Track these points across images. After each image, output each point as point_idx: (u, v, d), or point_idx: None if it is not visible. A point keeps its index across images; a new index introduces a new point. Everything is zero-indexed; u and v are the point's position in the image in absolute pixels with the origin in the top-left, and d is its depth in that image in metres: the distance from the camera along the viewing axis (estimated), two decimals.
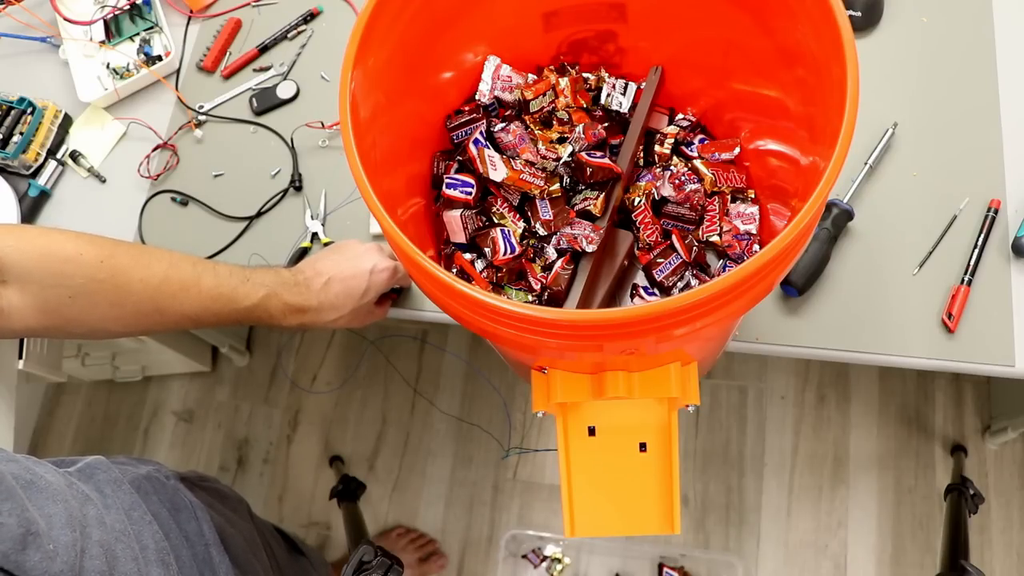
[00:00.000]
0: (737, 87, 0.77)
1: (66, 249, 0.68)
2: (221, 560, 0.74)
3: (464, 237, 0.77)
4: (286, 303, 0.78)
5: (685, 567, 1.55)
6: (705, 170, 0.80)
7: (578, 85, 0.81)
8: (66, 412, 1.79)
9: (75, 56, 1.06)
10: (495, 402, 1.70)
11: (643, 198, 0.80)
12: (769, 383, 1.67)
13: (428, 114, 0.79)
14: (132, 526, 0.65)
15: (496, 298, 0.51)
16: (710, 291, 0.49)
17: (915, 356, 0.88)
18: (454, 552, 1.62)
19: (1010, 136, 0.95)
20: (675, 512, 0.65)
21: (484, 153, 0.75)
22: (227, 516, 0.82)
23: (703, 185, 0.80)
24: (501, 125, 0.80)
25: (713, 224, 0.79)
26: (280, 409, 1.75)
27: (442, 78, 0.78)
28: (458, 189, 0.76)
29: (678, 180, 0.80)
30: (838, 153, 0.51)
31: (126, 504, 0.66)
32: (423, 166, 0.79)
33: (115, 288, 0.70)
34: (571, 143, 0.78)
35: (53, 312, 0.69)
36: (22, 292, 0.68)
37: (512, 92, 0.81)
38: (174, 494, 0.75)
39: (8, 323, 0.68)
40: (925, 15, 1.01)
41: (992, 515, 1.54)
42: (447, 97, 0.80)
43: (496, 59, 0.80)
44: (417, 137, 0.78)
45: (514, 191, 0.77)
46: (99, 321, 0.71)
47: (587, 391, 0.63)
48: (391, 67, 0.66)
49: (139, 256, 0.72)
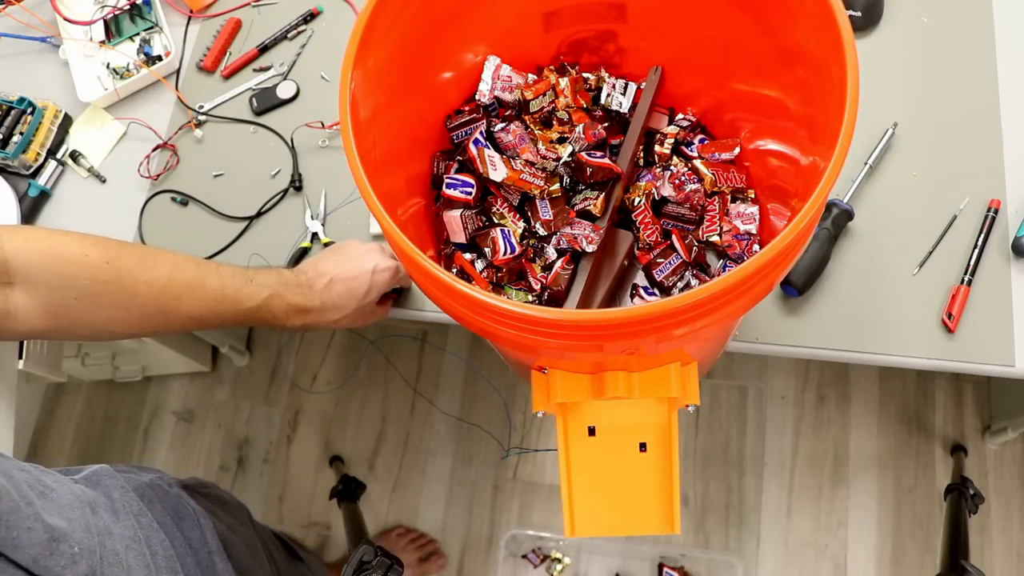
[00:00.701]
0: (737, 87, 0.77)
1: (72, 250, 0.68)
2: (224, 567, 0.74)
3: (464, 237, 0.77)
4: (289, 304, 0.78)
5: (685, 567, 1.55)
6: (705, 170, 0.80)
7: (578, 85, 0.81)
8: (66, 412, 1.79)
9: (75, 56, 1.06)
10: (495, 402, 1.70)
11: (643, 198, 0.80)
12: (769, 383, 1.67)
13: (428, 114, 0.79)
14: (141, 532, 0.65)
15: (496, 298, 0.51)
16: (710, 291, 0.49)
17: (915, 356, 0.88)
18: (454, 552, 1.62)
19: (1010, 136, 0.95)
20: (675, 512, 0.65)
21: (484, 153, 0.75)
22: (229, 523, 0.82)
23: (703, 185, 0.80)
24: (501, 125, 0.80)
25: (713, 224, 0.79)
26: (280, 409, 1.75)
27: (442, 78, 0.78)
28: (458, 189, 0.76)
29: (678, 180, 0.80)
30: (838, 153, 0.51)
31: (134, 510, 0.67)
32: (423, 166, 0.79)
33: (120, 290, 0.70)
34: (571, 143, 0.78)
35: (59, 314, 0.69)
36: (28, 294, 0.67)
37: (512, 92, 0.81)
38: (177, 502, 0.75)
39: (14, 325, 0.68)
40: (925, 15, 1.01)
41: (992, 515, 1.54)
42: (447, 97, 0.80)
43: (496, 59, 0.80)
44: (417, 137, 0.78)
45: (514, 191, 0.77)
46: (104, 323, 0.71)
47: (587, 391, 0.63)
48: (391, 67, 0.66)
49: (144, 258, 0.72)
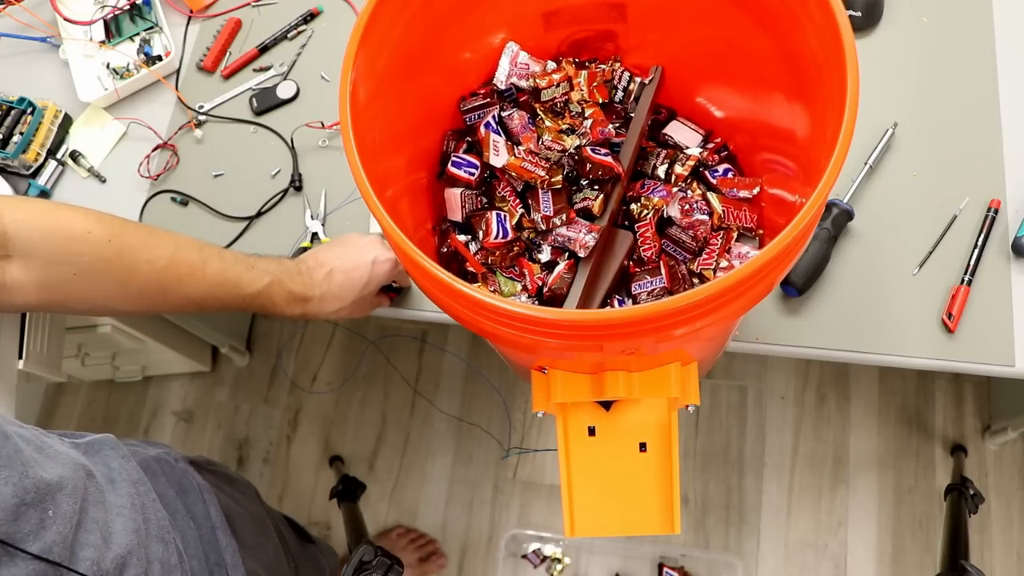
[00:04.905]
0: (737, 87, 0.77)
1: (74, 226, 0.67)
2: (228, 543, 0.74)
3: (460, 215, 0.77)
4: (289, 292, 0.78)
5: (685, 567, 1.55)
6: (717, 204, 0.77)
7: (596, 80, 0.81)
8: (66, 412, 1.79)
9: (75, 56, 1.06)
10: (495, 402, 1.70)
11: (651, 212, 0.78)
12: (769, 383, 1.67)
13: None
14: (138, 499, 0.64)
15: (496, 298, 0.51)
16: (710, 291, 0.49)
17: (915, 356, 0.88)
18: (454, 552, 1.62)
19: (1010, 136, 0.95)
20: (675, 512, 0.65)
21: (490, 138, 0.75)
22: (236, 498, 0.82)
23: (711, 219, 0.77)
24: (508, 112, 0.79)
25: (711, 258, 0.77)
26: (280, 409, 1.75)
27: (440, 78, 0.78)
28: (463, 168, 0.77)
29: (688, 205, 0.78)
30: (838, 153, 0.51)
31: (133, 478, 0.66)
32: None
33: (121, 268, 0.69)
34: (578, 135, 0.77)
35: (55, 289, 0.68)
36: (26, 267, 0.67)
37: (527, 80, 0.80)
38: (182, 476, 0.75)
39: (9, 298, 0.68)
40: (925, 15, 1.01)
41: (992, 515, 1.54)
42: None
43: (515, 46, 0.79)
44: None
45: (516, 179, 0.77)
46: (102, 299, 0.71)
47: (587, 391, 0.63)
48: (391, 67, 0.66)
49: (147, 237, 0.71)
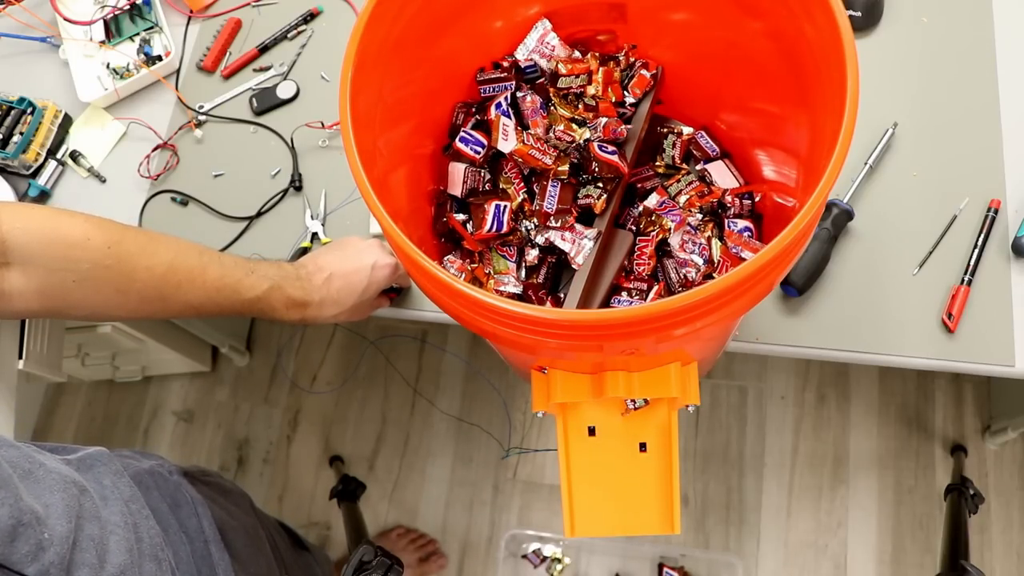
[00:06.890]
0: (737, 87, 0.77)
1: (74, 233, 0.67)
2: (220, 557, 0.74)
3: (460, 191, 0.76)
4: (288, 297, 0.78)
5: (685, 567, 1.55)
6: (716, 254, 0.75)
7: (611, 78, 0.80)
8: (66, 412, 1.79)
9: (75, 56, 1.06)
10: (495, 402, 1.70)
11: (656, 229, 0.77)
12: (769, 383, 1.67)
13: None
14: (130, 518, 0.64)
15: (496, 298, 0.51)
16: (710, 291, 0.49)
17: (915, 356, 0.88)
18: (454, 552, 1.62)
19: (1010, 136, 0.95)
20: (675, 512, 0.65)
21: (500, 121, 0.75)
22: (229, 511, 0.82)
23: (704, 267, 0.76)
24: (523, 93, 0.79)
25: None
26: (280, 409, 1.75)
27: (439, 78, 0.78)
28: (469, 145, 0.76)
29: (690, 243, 0.76)
30: (838, 153, 0.51)
31: (125, 496, 0.66)
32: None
33: (120, 275, 0.69)
34: (589, 129, 0.77)
35: (55, 296, 0.68)
36: (25, 275, 0.67)
37: (550, 61, 0.79)
38: (175, 490, 0.75)
39: (9, 305, 0.68)
40: (925, 15, 1.01)
41: (992, 515, 1.54)
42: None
43: (547, 23, 0.78)
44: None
45: (523, 164, 0.76)
46: (102, 306, 0.71)
47: (587, 391, 0.63)
48: (391, 67, 0.66)
49: (146, 243, 0.71)
